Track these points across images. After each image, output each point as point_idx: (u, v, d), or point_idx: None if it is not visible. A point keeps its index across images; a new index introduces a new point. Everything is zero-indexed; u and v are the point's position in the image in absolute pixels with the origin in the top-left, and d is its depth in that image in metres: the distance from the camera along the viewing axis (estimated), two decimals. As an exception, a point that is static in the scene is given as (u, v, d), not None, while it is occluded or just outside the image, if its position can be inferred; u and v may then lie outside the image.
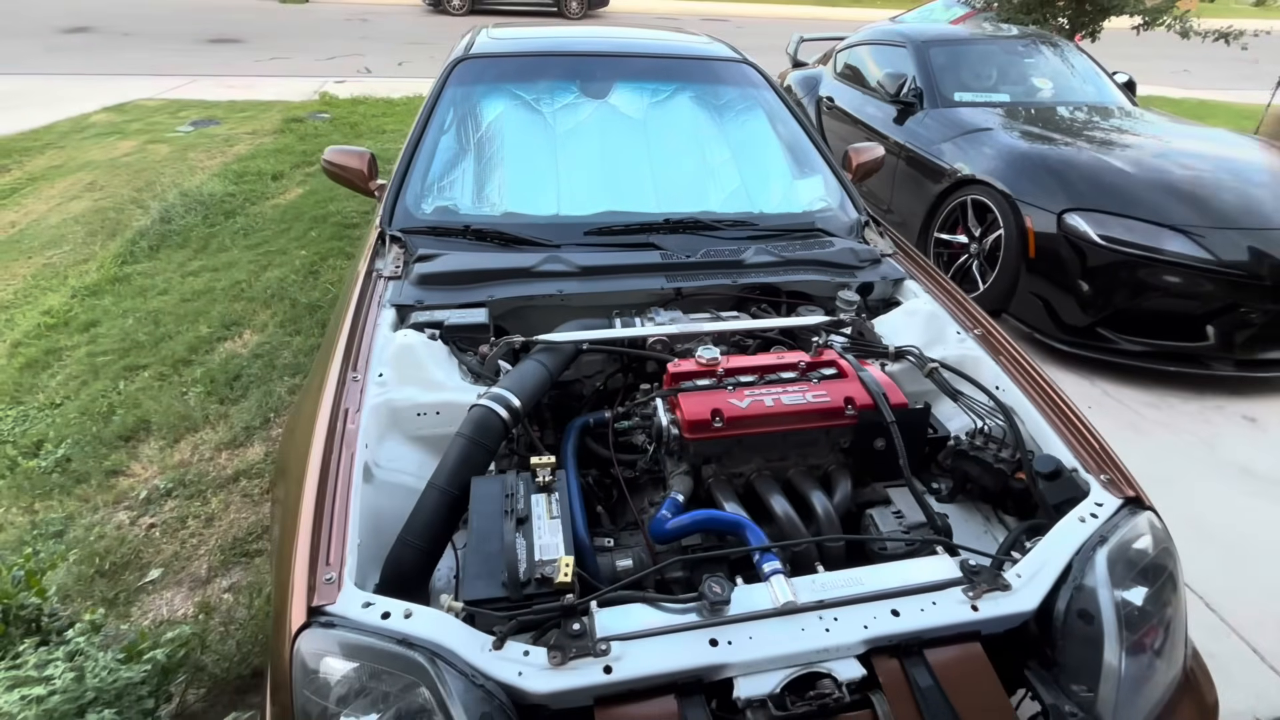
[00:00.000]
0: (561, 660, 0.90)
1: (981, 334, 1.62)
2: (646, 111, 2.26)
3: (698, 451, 1.30)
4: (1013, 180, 3.19)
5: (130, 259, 3.93)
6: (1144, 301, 2.86)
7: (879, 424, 1.29)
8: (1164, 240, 2.83)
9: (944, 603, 1.02)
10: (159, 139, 6.46)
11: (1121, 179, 3.04)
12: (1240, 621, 1.89)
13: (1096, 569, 1.06)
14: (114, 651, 1.13)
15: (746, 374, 1.39)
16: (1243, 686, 1.70)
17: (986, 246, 3.32)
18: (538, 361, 1.41)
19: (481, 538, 1.05)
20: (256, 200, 4.81)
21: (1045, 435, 1.35)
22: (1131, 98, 4.37)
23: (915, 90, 4.04)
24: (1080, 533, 1.12)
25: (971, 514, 1.40)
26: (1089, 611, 1.03)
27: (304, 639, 0.87)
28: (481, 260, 1.68)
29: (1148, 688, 1.04)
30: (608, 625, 0.95)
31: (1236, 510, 2.31)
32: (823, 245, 1.89)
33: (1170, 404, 2.86)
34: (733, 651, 0.93)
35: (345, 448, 1.16)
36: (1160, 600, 1.09)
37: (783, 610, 0.98)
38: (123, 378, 2.83)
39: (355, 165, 2.08)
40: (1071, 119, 3.82)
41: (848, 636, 0.96)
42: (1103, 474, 1.23)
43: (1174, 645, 1.10)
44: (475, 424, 1.22)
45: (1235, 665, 1.76)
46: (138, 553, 1.97)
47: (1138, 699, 1.02)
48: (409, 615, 0.91)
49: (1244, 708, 1.66)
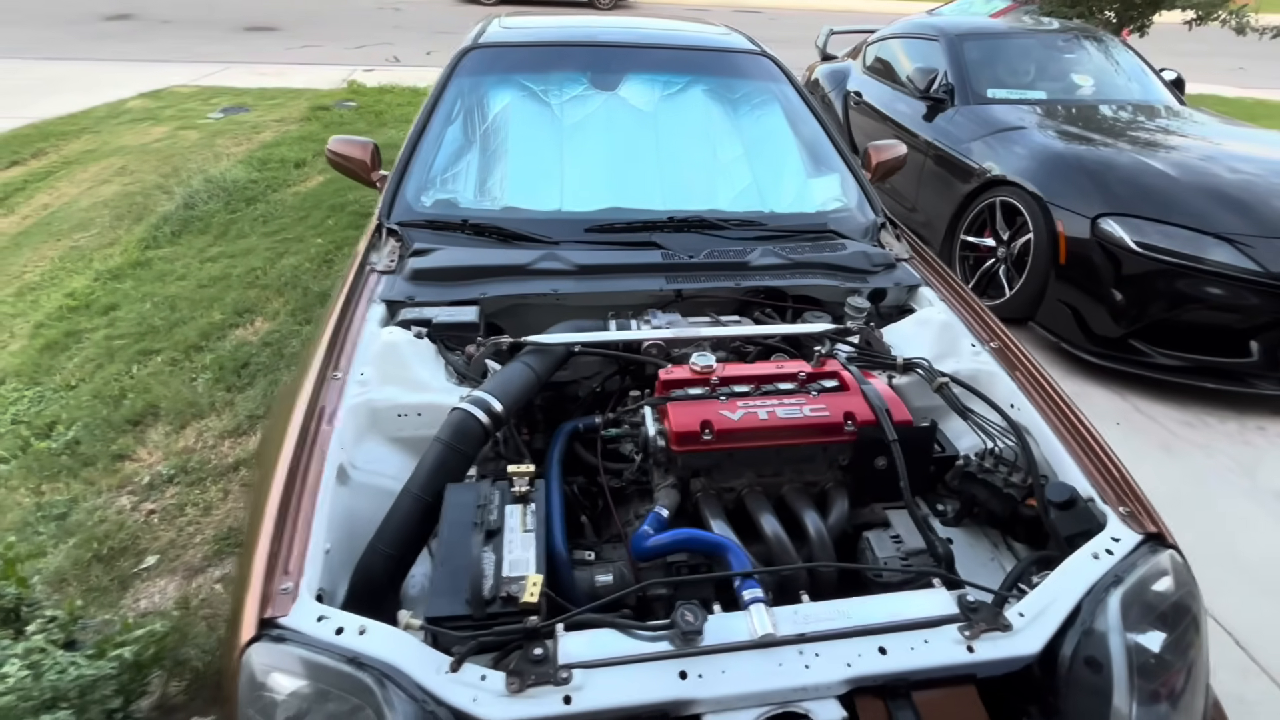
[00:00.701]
0: (519, 687, 0.85)
1: (998, 347, 1.52)
2: (657, 105, 2.19)
3: (686, 464, 1.24)
4: (1045, 182, 3.04)
5: (153, 244, 4.00)
6: (1182, 313, 2.71)
7: (880, 442, 1.22)
8: (1207, 249, 2.67)
9: (937, 641, 0.95)
10: (190, 125, 6.57)
11: (1163, 183, 2.87)
12: (1272, 662, 1.76)
13: (1108, 612, 0.97)
14: (84, 647, 1.12)
15: (742, 383, 1.32)
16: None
17: (1015, 251, 3.18)
18: (525, 364, 1.36)
19: (450, 551, 1.01)
20: (278, 187, 4.85)
21: (1061, 460, 1.25)
22: (1179, 96, 4.15)
23: (946, 86, 3.89)
24: (1093, 571, 1.03)
25: (978, 540, 1.32)
26: (1097, 659, 0.94)
27: (253, 652, 0.84)
28: (476, 256, 1.64)
29: (1161, 743, 0.95)
30: (572, 651, 0.90)
31: (1274, 541, 2.17)
32: (834, 248, 1.80)
33: (1207, 423, 2.70)
34: (703, 686, 0.88)
35: (317, 450, 1.13)
36: (1180, 648, 1.00)
37: (760, 643, 0.92)
38: (136, 362, 2.86)
39: (358, 155, 2.05)
40: (1112, 118, 3.63)
41: (828, 675, 0.90)
42: (1122, 506, 1.14)
43: (1193, 696, 1.01)
44: (453, 429, 1.18)
45: (1265, 709, 1.65)
46: (136, 539, 1.99)
47: (1149, 755, 0.94)
48: (363, 632, 0.87)
49: (1273, 756, 1.55)
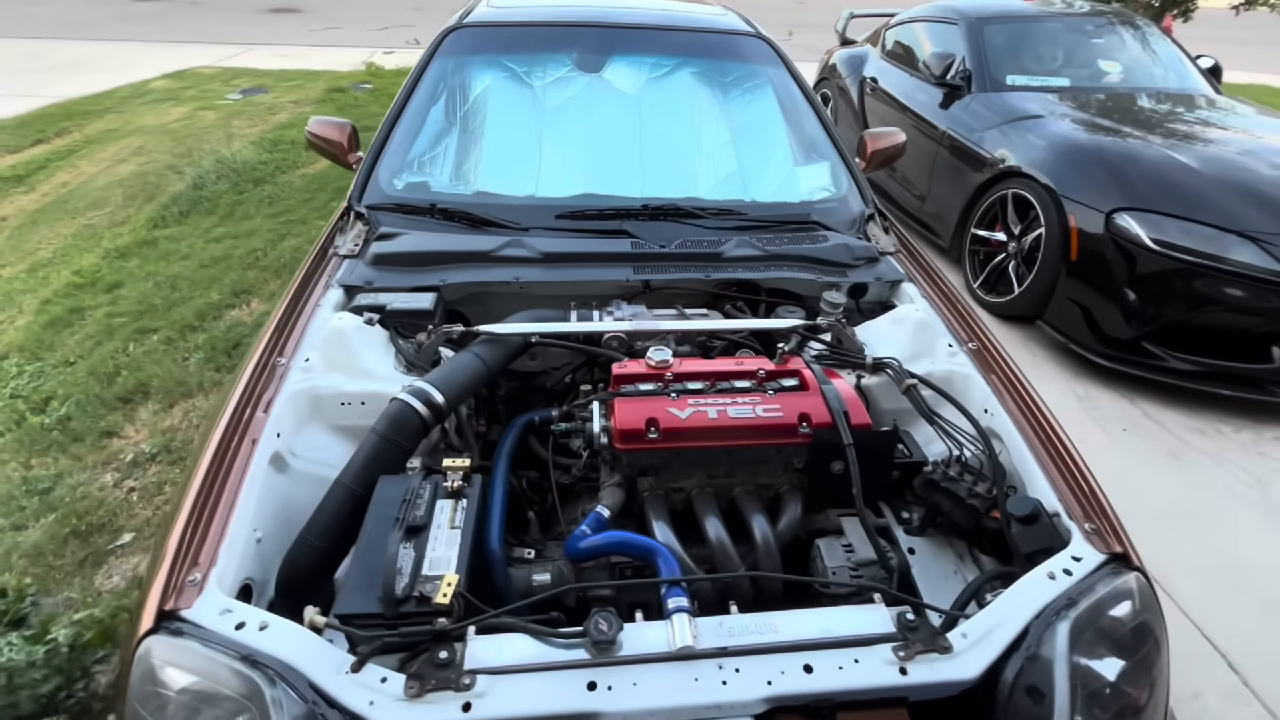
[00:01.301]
0: (419, 692, 0.82)
1: (976, 348, 1.44)
2: (643, 88, 2.12)
3: (631, 463, 1.19)
4: (1059, 173, 2.90)
5: (161, 223, 4.05)
6: (1199, 316, 2.56)
7: (837, 446, 1.16)
8: (1229, 248, 2.52)
9: (868, 661, 0.89)
10: (209, 106, 6.65)
11: (1186, 177, 2.72)
12: (1266, 688, 1.67)
13: (1056, 638, 0.91)
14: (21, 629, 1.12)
15: (697, 380, 1.27)
16: (1259, 763, 1.50)
17: (1025, 246, 3.05)
18: (474, 354, 1.32)
19: (370, 546, 0.98)
20: (286, 169, 4.88)
21: (1030, 471, 1.18)
22: (1215, 85, 3.92)
23: (964, 72, 3.73)
24: (1046, 592, 0.96)
25: (943, 551, 1.25)
26: (1040, 688, 0.88)
27: (148, 645, 0.82)
28: (439, 242, 1.60)
29: (1108, 778, 0.89)
30: (480, 656, 0.87)
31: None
32: (815, 240, 1.72)
33: (1220, 431, 2.56)
34: (611, 699, 0.84)
35: (248, 437, 1.11)
36: (1136, 677, 0.93)
37: (678, 655, 0.88)
38: (133, 340, 2.90)
39: (335, 137, 2.02)
40: (1139, 107, 3.45)
41: (746, 692, 0.85)
42: (1088, 523, 1.07)
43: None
44: (390, 420, 1.15)
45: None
46: (114, 515, 2.01)
47: (1093, 791, 0.87)
48: (264, 628, 0.85)
49: (1258, 787, 1.46)
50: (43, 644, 1.13)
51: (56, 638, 1.16)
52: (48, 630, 1.18)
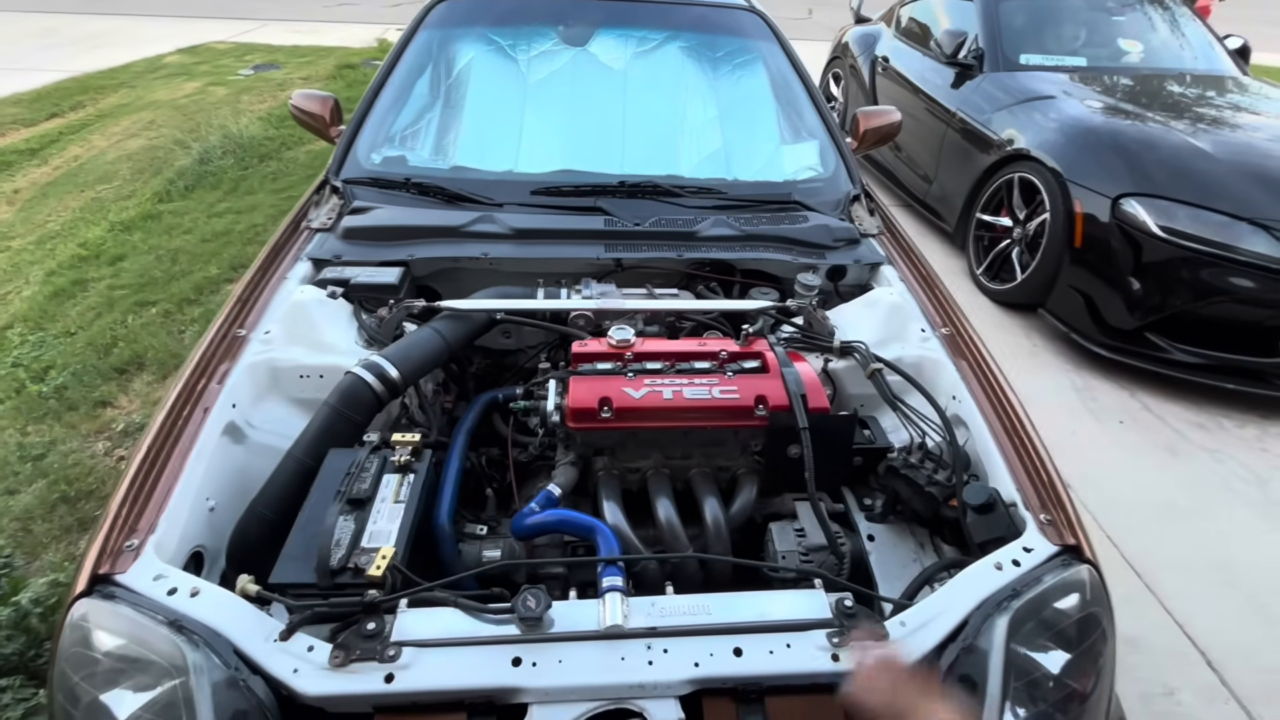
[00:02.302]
0: (343, 661, 0.83)
1: (950, 334, 1.40)
2: (629, 62, 2.08)
3: (585, 442, 1.18)
4: (1067, 157, 2.80)
5: (166, 197, 4.09)
6: (1206, 306, 2.48)
7: (793, 429, 1.14)
8: (1241, 236, 2.42)
9: (800, 646, 0.88)
10: (220, 81, 6.68)
11: (1199, 162, 2.61)
12: (1245, 688, 1.63)
13: (994, 629, 0.89)
14: None
15: (656, 360, 1.26)
16: (1229, 763, 1.48)
17: (1030, 232, 2.96)
18: (434, 330, 1.32)
19: (311, 515, 0.99)
20: (292, 145, 4.89)
21: (992, 459, 1.15)
22: (1243, 66, 3.76)
23: (976, 51, 3.60)
24: (991, 582, 0.94)
25: (903, 538, 1.23)
26: (973, 678, 0.86)
27: (79, 608, 0.84)
28: (411, 216, 1.59)
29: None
30: (408, 629, 0.87)
31: (1275, 557, 1.99)
32: (794, 220, 1.69)
33: (1222, 426, 2.49)
34: (534, 675, 0.84)
35: (199, 406, 1.11)
36: (1080, 669, 0.91)
37: (606, 634, 0.87)
38: (132, 313, 2.95)
39: (318, 110, 2.01)
40: (1157, 89, 3.31)
41: (672, 673, 0.85)
42: (1044, 513, 1.04)
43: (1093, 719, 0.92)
44: (342, 393, 1.15)
45: (1227, 736, 1.53)
46: (103, 483, 2.06)
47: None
48: (195, 594, 0.86)
49: (1227, 786, 1.44)
50: (8, 605, 1.16)
51: (20, 600, 1.19)
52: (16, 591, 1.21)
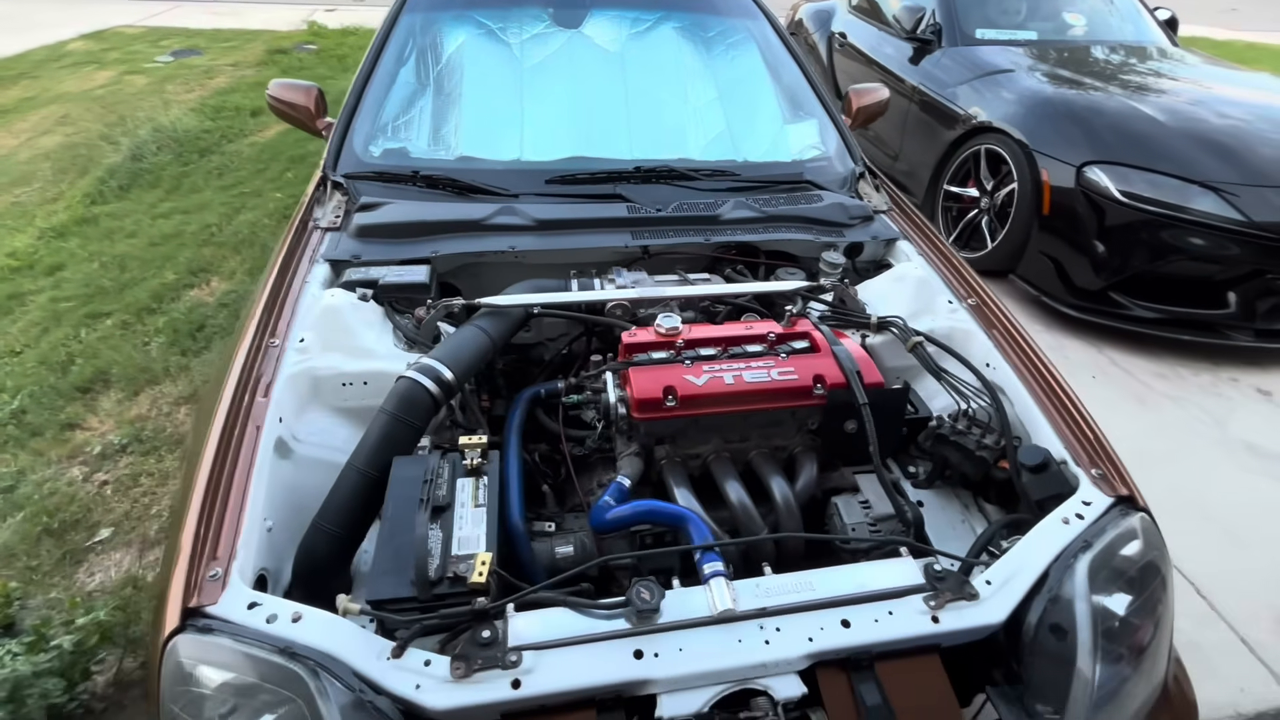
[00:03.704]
0: (465, 672, 0.81)
1: (975, 304, 1.46)
2: (625, 44, 2.04)
3: (649, 431, 1.18)
4: (1031, 128, 2.93)
5: (99, 199, 3.78)
6: (1163, 265, 2.67)
7: (850, 405, 1.17)
8: (1192, 198, 2.61)
9: (902, 612, 0.92)
10: (137, 70, 6.17)
11: (1153, 128, 2.79)
12: (1231, 610, 1.80)
13: (1075, 579, 0.95)
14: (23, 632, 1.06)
15: (708, 346, 1.26)
16: (1227, 679, 1.63)
17: (998, 201, 3.10)
18: (478, 328, 1.28)
19: (395, 528, 0.95)
20: (234, 138, 4.59)
21: (1035, 421, 1.22)
22: (1172, 37, 4.01)
23: (934, 26, 3.71)
24: (1062, 536, 1.00)
25: (949, 502, 1.29)
26: (1062, 626, 0.92)
27: (176, 645, 0.79)
28: (428, 211, 1.53)
29: (1122, 704, 0.95)
30: (522, 632, 0.86)
31: (1241, 490, 2.19)
32: (810, 200, 1.71)
33: (1180, 375, 2.70)
34: (659, 665, 0.84)
35: (251, 423, 1.05)
36: (1145, 612, 0.99)
37: (719, 619, 0.89)
38: (84, 325, 2.73)
39: (301, 101, 1.89)
40: (1103, 60, 3.50)
41: (789, 650, 0.87)
42: (1094, 468, 1.11)
43: (1156, 659, 1.00)
44: (399, 399, 1.11)
45: (1221, 657, 1.68)
46: (88, 511, 1.92)
47: (1110, 717, 0.93)
48: (297, 619, 0.82)
49: (1225, 700, 1.59)
50: (46, 651, 1.06)
51: (61, 644, 1.09)
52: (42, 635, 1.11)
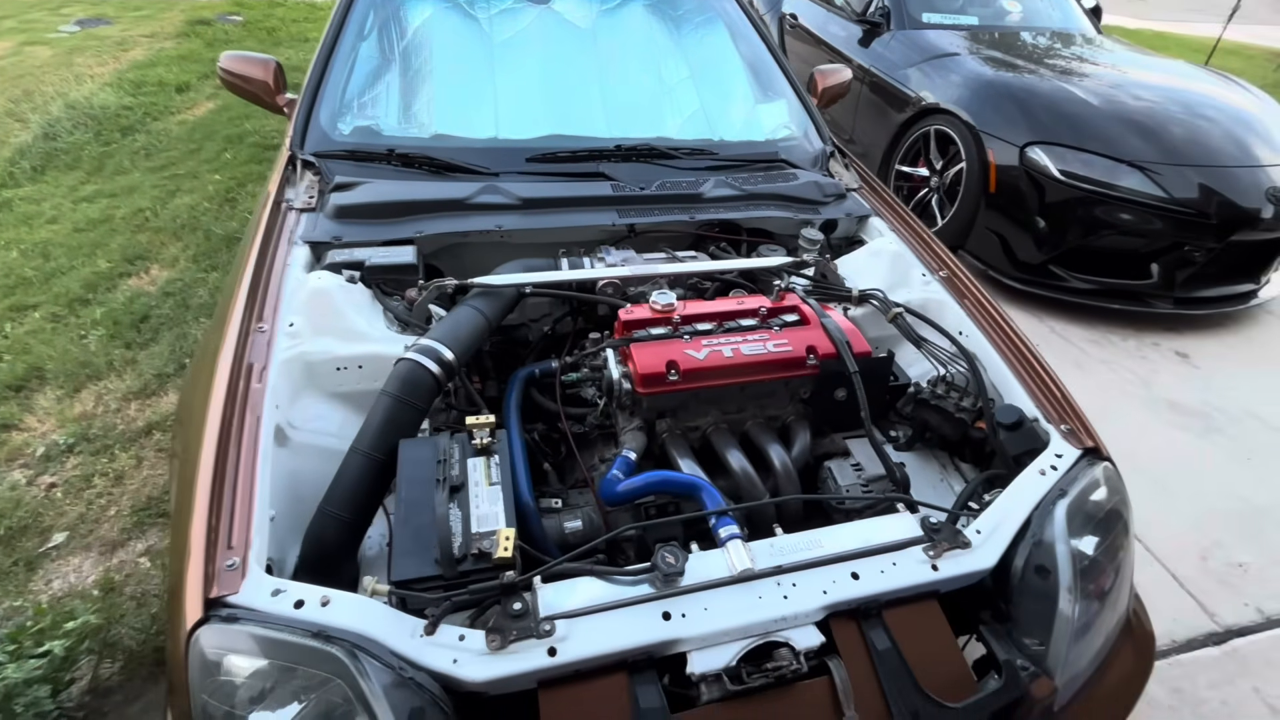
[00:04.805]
0: (501, 644, 0.82)
1: (947, 276, 1.55)
2: (595, 21, 2.02)
3: (651, 406, 1.21)
4: (977, 110, 3.08)
5: (10, 182, 3.46)
6: (1096, 239, 2.87)
7: (841, 374, 1.23)
8: (1120, 176, 2.81)
9: (904, 563, 0.99)
10: (38, 40, 5.65)
11: (1085, 110, 2.97)
12: (1163, 550, 1.99)
13: (1055, 523, 1.04)
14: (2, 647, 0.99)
15: (704, 321, 1.29)
16: (1162, 611, 1.81)
17: (947, 181, 3.25)
18: (473, 308, 1.27)
19: (411, 509, 0.95)
20: (159, 115, 4.28)
21: (1008, 383, 1.31)
22: (1096, 24, 4.26)
23: (883, 9, 3.82)
24: (1040, 486, 1.09)
25: (928, 462, 1.37)
26: (1046, 566, 1.01)
27: (201, 636, 0.77)
28: (408, 190, 1.49)
29: (1095, 635, 1.05)
30: (552, 602, 0.88)
31: (1164, 443, 2.41)
32: (786, 178, 1.76)
33: (1111, 341, 2.93)
34: (687, 625, 0.88)
35: (249, 411, 1.02)
36: (1112, 550, 1.09)
37: (740, 578, 0.93)
38: (9, 319, 2.52)
39: (259, 75, 1.79)
40: (1035, 45, 3.69)
41: (807, 603, 0.92)
42: (1063, 424, 1.21)
43: (1121, 592, 1.11)
44: (402, 381, 1.09)
45: (1156, 591, 1.87)
46: (38, 516, 1.79)
47: (1085, 646, 1.03)
48: (326, 603, 0.81)
49: (1162, 630, 1.76)
50: (36, 657, 1.00)
51: (53, 649, 1.03)
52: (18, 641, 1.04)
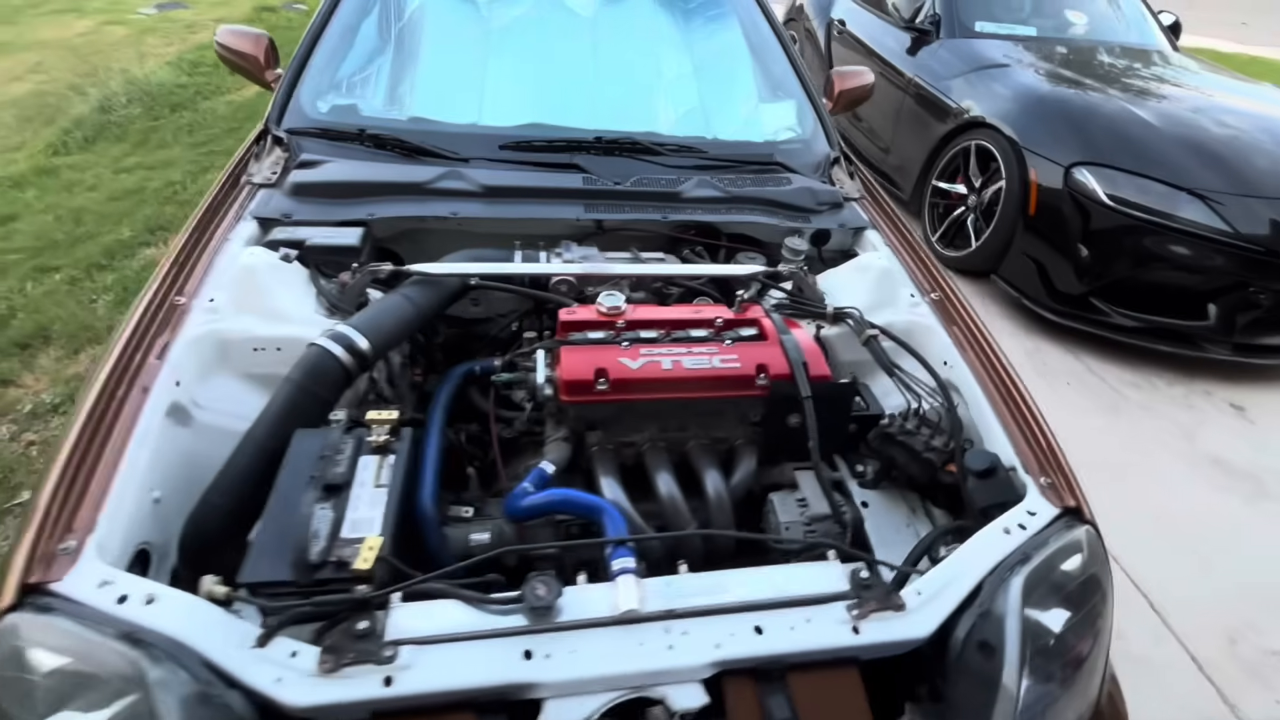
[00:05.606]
0: (333, 666, 0.74)
1: (939, 299, 1.40)
2: (599, 10, 1.95)
3: (579, 416, 1.11)
4: (1023, 126, 2.86)
5: (62, 150, 3.64)
6: (1145, 272, 2.61)
7: (794, 398, 1.10)
8: (1179, 205, 2.54)
9: (820, 621, 0.86)
10: (118, 20, 5.98)
11: (1145, 132, 2.72)
12: (1184, 626, 1.76)
13: (1009, 593, 0.89)
14: None
15: (650, 328, 1.19)
16: (1174, 698, 1.59)
17: (985, 200, 3.03)
18: (404, 296, 1.20)
19: (281, 506, 0.88)
20: (209, 95, 4.44)
21: (988, 423, 1.16)
22: (1173, 41, 3.93)
23: (933, 16, 3.61)
24: (1001, 547, 0.94)
25: (896, 504, 1.23)
26: (990, 643, 0.87)
27: (9, 624, 0.71)
28: (369, 171, 1.44)
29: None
30: (404, 625, 0.79)
31: (1202, 504, 2.16)
32: (778, 182, 1.63)
33: (1154, 385, 2.66)
34: (548, 668, 0.78)
35: (136, 386, 0.97)
36: (1082, 629, 0.93)
37: (621, 619, 0.82)
38: (31, 279, 2.62)
39: (250, 50, 1.78)
40: (1101, 61, 3.42)
41: (694, 656, 0.81)
42: (1044, 477, 1.05)
43: (1091, 676, 0.95)
44: (306, 367, 1.03)
45: (1170, 674, 1.65)
46: (11, 471, 1.83)
47: (1035, 740, 0.87)
48: (151, 600, 0.75)
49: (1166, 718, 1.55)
50: None
51: None
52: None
